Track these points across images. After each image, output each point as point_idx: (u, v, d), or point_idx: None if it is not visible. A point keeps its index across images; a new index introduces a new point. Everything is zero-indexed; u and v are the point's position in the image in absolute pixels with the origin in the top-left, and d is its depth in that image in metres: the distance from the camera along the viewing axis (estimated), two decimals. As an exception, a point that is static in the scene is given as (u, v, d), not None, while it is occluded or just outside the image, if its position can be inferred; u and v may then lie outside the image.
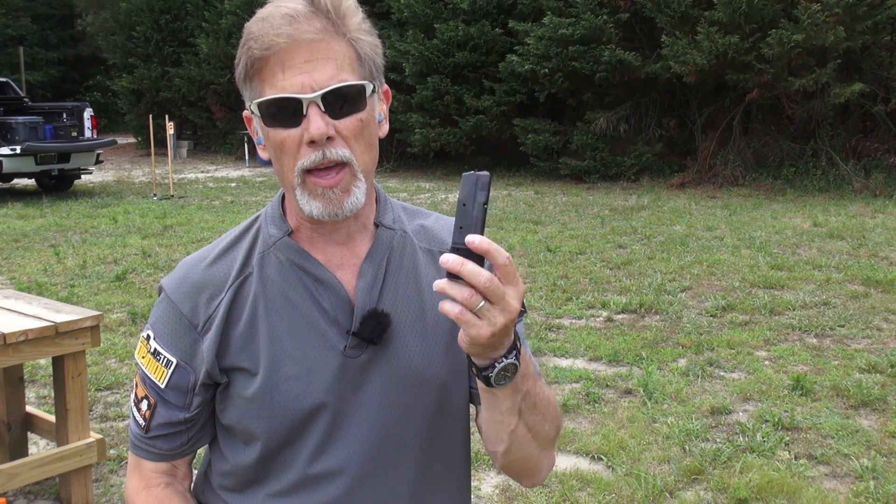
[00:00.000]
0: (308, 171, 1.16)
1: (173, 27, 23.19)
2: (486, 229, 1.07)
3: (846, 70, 13.31)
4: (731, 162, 13.93)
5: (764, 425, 4.24)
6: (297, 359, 1.22)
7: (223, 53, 21.10)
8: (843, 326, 5.89)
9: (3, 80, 16.13)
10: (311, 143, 1.15)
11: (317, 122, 1.14)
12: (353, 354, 1.23)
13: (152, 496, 1.31)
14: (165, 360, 1.26)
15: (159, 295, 1.31)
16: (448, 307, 1.02)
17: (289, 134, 1.16)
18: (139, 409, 1.31)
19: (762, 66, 12.63)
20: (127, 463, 1.37)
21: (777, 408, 4.47)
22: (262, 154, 1.25)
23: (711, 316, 6.21)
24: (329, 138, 1.15)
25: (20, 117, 13.93)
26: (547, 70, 14.45)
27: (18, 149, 13.12)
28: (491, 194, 1.15)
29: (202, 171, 18.52)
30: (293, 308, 1.23)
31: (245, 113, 1.25)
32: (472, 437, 1.40)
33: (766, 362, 5.24)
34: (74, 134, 14.52)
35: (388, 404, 1.24)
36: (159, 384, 1.27)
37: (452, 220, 1.37)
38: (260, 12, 1.19)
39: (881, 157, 13.07)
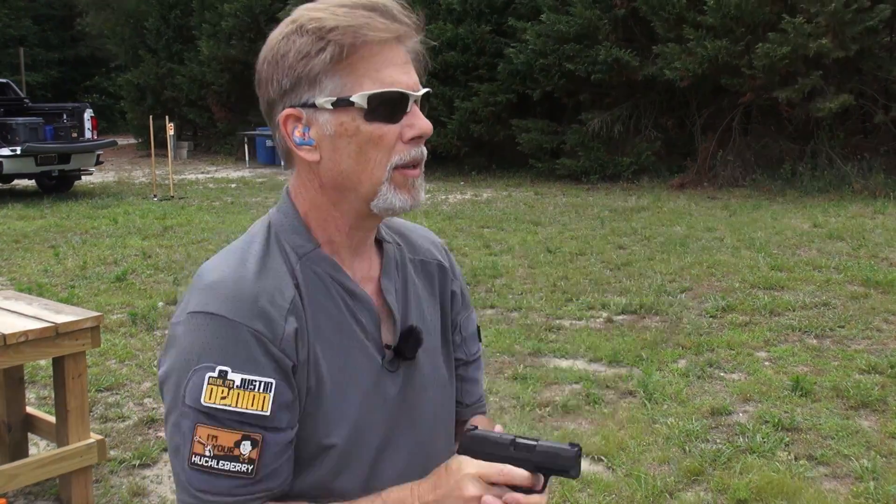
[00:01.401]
0: (398, 167, 1.17)
1: (181, 23, 23.19)
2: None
3: (846, 72, 13.32)
4: (730, 163, 13.93)
5: (764, 426, 4.24)
6: (349, 373, 1.21)
7: (223, 56, 21.12)
8: (843, 327, 5.89)
9: (4, 81, 16.15)
10: (416, 138, 1.17)
11: (424, 118, 1.17)
12: (391, 368, 1.25)
13: None
14: (262, 384, 1.10)
15: (200, 327, 1.12)
16: None
17: (389, 129, 1.15)
18: (237, 457, 1.10)
19: (753, 71, 12.69)
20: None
21: (777, 408, 4.47)
22: (310, 156, 1.17)
23: (711, 317, 6.21)
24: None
25: (20, 118, 13.94)
26: (542, 64, 14.48)
27: (19, 150, 13.13)
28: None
29: (202, 172, 18.52)
30: (335, 322, 1.20)
31: (289, 111, 1.16)
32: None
33: (766, 363, 5.24)
34: (75, 135, 14.53)
35: (422, 413, 1.29)
36: (264, 413, 1.10)
37: (418, 226, 1.43)
38: (334, 6, 1.15)
39: (881, 158, 13.07)
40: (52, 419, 3.62)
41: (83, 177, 15.21)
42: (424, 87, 1.19)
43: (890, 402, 4.53)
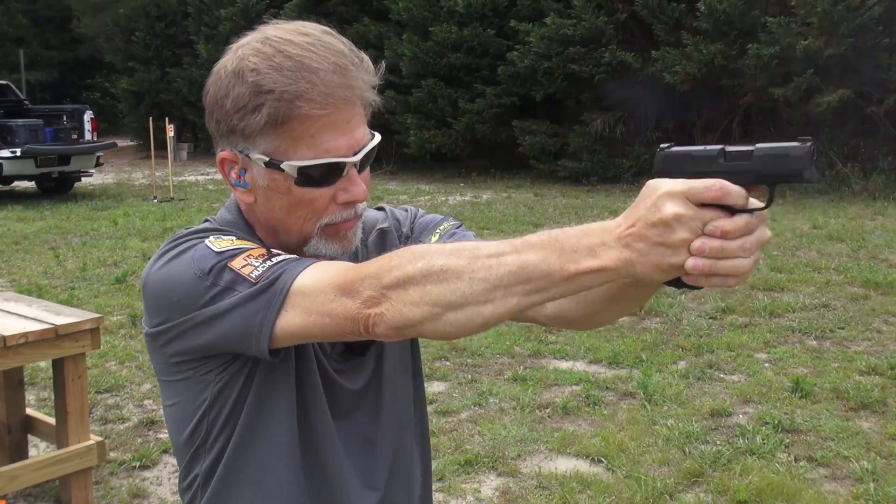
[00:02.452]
0: (331, 224, 1.16)
1: (168, 33, 23.31)
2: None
3: (843, 72, 13.33)
4: (730, 163, 13.92)
5: (764, 427, 4.24)
6: (298, 361, 1.21)
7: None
8: (842, 328, 5.89)
9: (4, 83, 16.16)
10: (348, 203, 1.15)
11: (360, 184, 1.14)
12: (340, 360, 1.25)
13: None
14: (257, 241, 1.15)
15: (175, 247, 1.14)
16: (716, 281, 0.89)
17: (321, 193, 1.13)
18: (279, 254, 1.11)
19: (751, 72, 12.75)
20: (308, 295, 1.04)
21: (777, 410, 4.47)
22: (245, 198, 1.17)
23: (711, 318, 6.21)
24: None
25: (20, 120, 13.95)
26: (546, 67, 14.51)
27: (19, 151, 13.13)
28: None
29: (202, 174, 18.52)
30: None
31: (224, 154, 1.16)
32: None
33: (766, 364, 5.24)
34: (74, 136, 14.54)
35: (362, 401, 1.28)
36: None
37: (373, 210, 1.38)
38: (286, 40, 1.09)
39: (880, 159, 13.07)
40: (52, 421, 3.62)
41: (83, 178, 15.21)
42: (375, 129, 1.16)
43: (890, 403, 4.53)
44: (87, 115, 14.85)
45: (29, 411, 3.88)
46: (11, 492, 3.53)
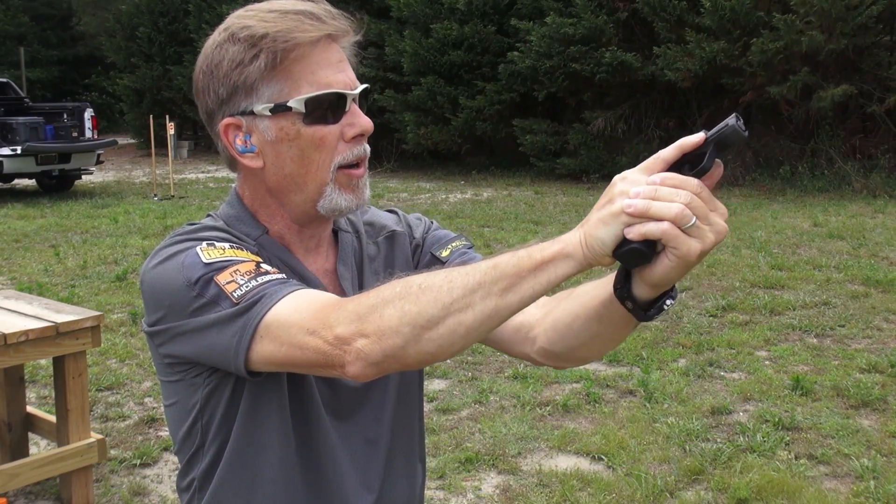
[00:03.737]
0: (342, 167, 1.18)
1: (171, 29, 23.26)
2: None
3: (844, 71, 13.32)
4: (730, 162, 13.93)
5: (764, 425, 4.24)
6: None
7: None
8: (843, 326, 5.89)
9: (4, 80, 16.15)
10: (359, 136, 1.18)
11: (363, 115, 1.18)
12: None
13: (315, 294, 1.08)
14: (252, 252, 1.16)
15: (178, 248, 1.14)
16: (652, 227, 0.90)
17: (330, 130, 1.16)
18: (266, 272, 1.10)
19: (753, 69, 12.74)
20: (279, 329, 1.04)
21: (777, 408, 4.47)
22: (254, 163, 1.18)
23: (712, 316, 6.21)
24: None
25: (21, 118, 13.94)
26: (547, 66, 14.51)
27: (19, 149, 13.14)
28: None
29: (203, 172, 18.52)
30: None
31: (228, 120, 1.18)
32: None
33: (767, 362, 5.24)
34: (75, 134, 14.53)
35: (380, 399, 1.28)
36: (259, 261, 1.13)
37: (383, 211, 1.41)
38: (265, 6, 1.16)
39: (881, 157, 13.07)
40: (53, 418, 3.63)
41: (83, 176, 15.21)
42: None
43: (890, 401, 4.53)
44: (88, 113, 14.85)
45: (29, 409, 3.88)
46: (12, 489, 3.53)
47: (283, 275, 1.11)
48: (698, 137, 0.94)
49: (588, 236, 0.93)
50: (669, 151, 0.95)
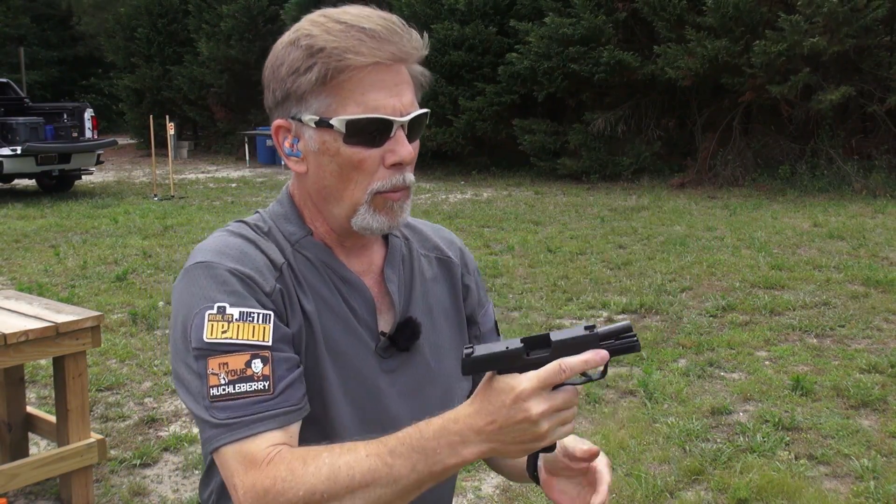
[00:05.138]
0: (380, 192, 1.17)
1: (170, 30, 23.28)
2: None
3: (844, 71, 13.32)
4: (730, 162, 13.93)
5: (764, 425, 4.24)
6: (342, 351, 1.22)
7: (223, 56, 21.14)
8: (843, 326, 5.89)
9: (4, 80, 16.15)
10: (397, 165, 1.16)
11: (406, 145, 1.16)
12: (384, 355, 1.26)
13: (286, 456, 1.06)
14: (261, 315, 1.12)
15: (196, 274, 1.15)
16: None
17: (370, 154, 1.15)
18: (251, 376, 1.09)
19: (753, 70, 12.73)
20: (224, 471, 1.09)
21: (777, 408, 4.47)
22: (298, 167, 1.21)
23: (712, 316, 6.21)
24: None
25: (21, 118, 13.94)
26: (546, 67, 14.51)
27: (19, 149, 13.13)
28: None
29: (203, 172, 18.52)
30: (327, 304, 1.22)
31: (279, 122, 1.20)
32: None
33: (767, 362, 5.24)
34: (75, 134, 14.53)
35: (408, 405, 1.27)
36: (266, 343, 1.11)
37: (434, 225, 1.42)
38: (337, 13, 1.16)
39: (881, 157, 13.07)
40: (53, 419, 3.62)
41: (83, 176, 15.22)
42: (424, 105, 1.20)
43: (890, 401, 4.53)
44: (88, 113, 14.85)
45: (29, 409, 3.88)
46: (12, 490, 3.53)
47: (264, 383, 1.10)
48: (605, 354, 1.00)
49: (511, 454, 1.03)
50: (578, 368, 1.00)
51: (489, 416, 0.99)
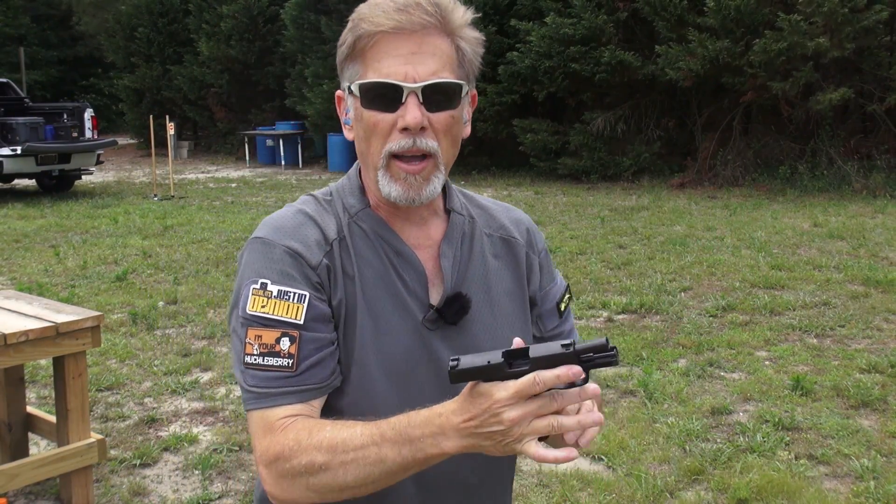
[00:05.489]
0: (394, 156, 1.22)
1: (171, 29, 23.27)
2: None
3: (845, 71, 13.32)
4: (730, 162, 13.93)
5: (764, 425, 4.24)
6: (386, 320, 1.27)
7: (223, 56, 21.14)
8: (843, 326, 5.89)
9: (4, 80, 16.15)
10: (405, 129, 1.20)
11: (413, 111, 1.19)
12: (431, 327, 1.28)
13: (297, 427, 1.17)
14: (297, 295, 1.22)
15: (253, 248, 1.26)
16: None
17: (383, 117, 1.21)
18: (279, 352, 1.20)
19: (753, 70, 12.73)
20: (249, 429, 1.23)
21: (777, 408, 4.47)
22: (348, 134, 1.30)
23: (712, 316, 6.21)
24: (422, 129, 1.21)
25: (21, 118, 13.94)
26: (547, 66, 14.52)
27: (19, 149, 13.13)
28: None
29: (203, 172, 18.52)
30: (378, 275, 1.28)
31: (338, 92, 1.31)
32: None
33: (767, 362, 5.24)
34: (75, 134, 14.54)
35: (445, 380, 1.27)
36: (297, 321, 1.21)
37: (505, 205, 1.46)
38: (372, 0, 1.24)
39: (881, 157, 13.07)
40: (53, 419, 3.62)
41: (83, 176, 15.22)
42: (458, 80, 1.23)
43: (890, 401, 4.53)
44: (88, 113, 14.86)
45: (29, 409, 3.88)
46: (12, 490, 3.53)
47: (289, 360, 1.21)
48: (577, 370, 1.04)
49: (488, 451, 1.08)
50: (550, 384, 1.04)
51: (464, 414, 1.06)
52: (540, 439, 1.06)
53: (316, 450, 1.13)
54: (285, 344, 1.20)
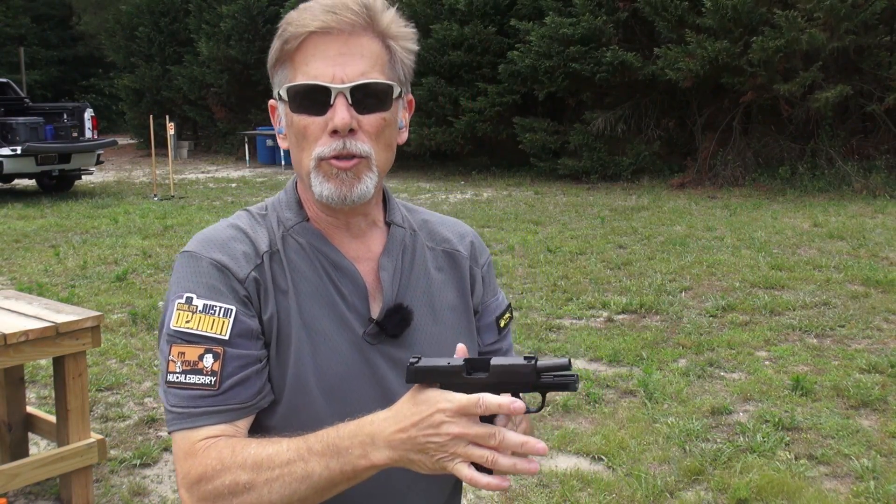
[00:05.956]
0: (323, 158, 1.20)
1: (172, 28, 23.27)
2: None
3: (844, 71, 13.32)
4: (730, 162, 13.93)
5: (764, 425, 4.24)
6: (323, 336, 1.23)
7: (223, 56, 21.14)
8: (843, 326, 5.89)
9: (4, 80, 16.15)
10: (334, 132, 1.18)
11: (342, 113, 1.17)
12: (372, 341, 1.25)
13: (220, 446, 1.13)
14: (223, 310, 1.18)
15: (181, 262, 1.23)
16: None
17: (313, 121, 1.19)
18: (201, 370, 1.16)
19: (753, 69, 12.73)
20: (173, 452, 1.18)
21: (777, 408, 4.47)
22: (282, 143, 1.28)
23: (712, 316, 6.21)
24: (351, 130, 1.18)
25: (21, 118, 13.94)
26: (547, 66, 14.52)
27: (19, 149, 13.14)
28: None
29: (203, 172, 18.52)
30: (315, 289, 1.24)
31: (271, 102, 1.27)
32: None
33: (767, 362, 5.24)
34: (75, 134, 14.54)
35: (395, 394, 1.24)
36: (223, 337, 1.17)
37: (450, 219, 1.42)
38: (302, 4, 1.22)
39: (881, 157, 13.07)
40: (53, 419, 3.62)
41: (83, 176, 15.22)
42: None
43: (890, 401, 4.53)
44: (88, 113, 14.86)
45: (29, 409, 3.88)
46: (12, 490, 3.53)
47: (211, 378, 1.16)
48: (519, 407, 1.02)
49: (418, 467, 1.05)
50: (493, 409, 1.02)
51: (399, 423, 1.03)
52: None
53: (240, 468, 1.09)
54: (208, 361, 1.16)
